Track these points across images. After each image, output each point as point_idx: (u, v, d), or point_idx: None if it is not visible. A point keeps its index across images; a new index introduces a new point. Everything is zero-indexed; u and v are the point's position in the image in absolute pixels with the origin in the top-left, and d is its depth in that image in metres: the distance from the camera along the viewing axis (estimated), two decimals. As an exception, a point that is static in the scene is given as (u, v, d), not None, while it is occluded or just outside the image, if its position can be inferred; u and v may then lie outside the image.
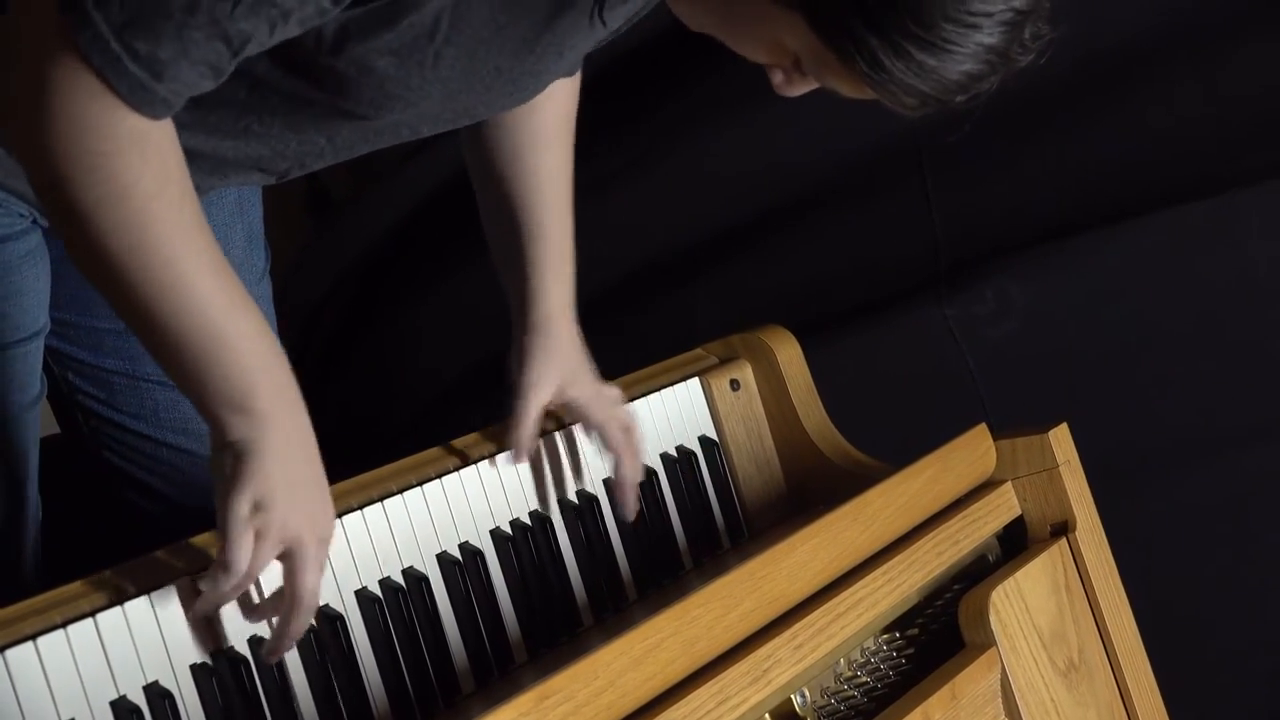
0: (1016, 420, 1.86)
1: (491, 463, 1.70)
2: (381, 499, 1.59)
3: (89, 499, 1.89)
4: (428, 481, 1.64)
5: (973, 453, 1.77)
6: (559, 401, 1.76)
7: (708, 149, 2.77)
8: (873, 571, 1.57)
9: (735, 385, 1.97)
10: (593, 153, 1.85)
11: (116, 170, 1.29)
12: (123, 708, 1.33)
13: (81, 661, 1.32)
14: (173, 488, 1.87)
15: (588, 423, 1.78)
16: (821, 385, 2.00)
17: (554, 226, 1.77)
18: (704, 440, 1.93)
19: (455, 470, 1.67)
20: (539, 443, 1.76)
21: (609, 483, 1.80)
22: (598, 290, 1.91)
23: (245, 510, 1.36)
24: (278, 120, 1.50)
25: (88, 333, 1.80)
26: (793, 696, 1.49)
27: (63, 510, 1.88)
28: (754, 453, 1.97)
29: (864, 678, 1.57)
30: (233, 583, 1.36)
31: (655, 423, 1.88)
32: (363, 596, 1.53)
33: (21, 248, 1.65)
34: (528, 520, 1.71)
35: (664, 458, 1.88)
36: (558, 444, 1.78)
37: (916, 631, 1.64)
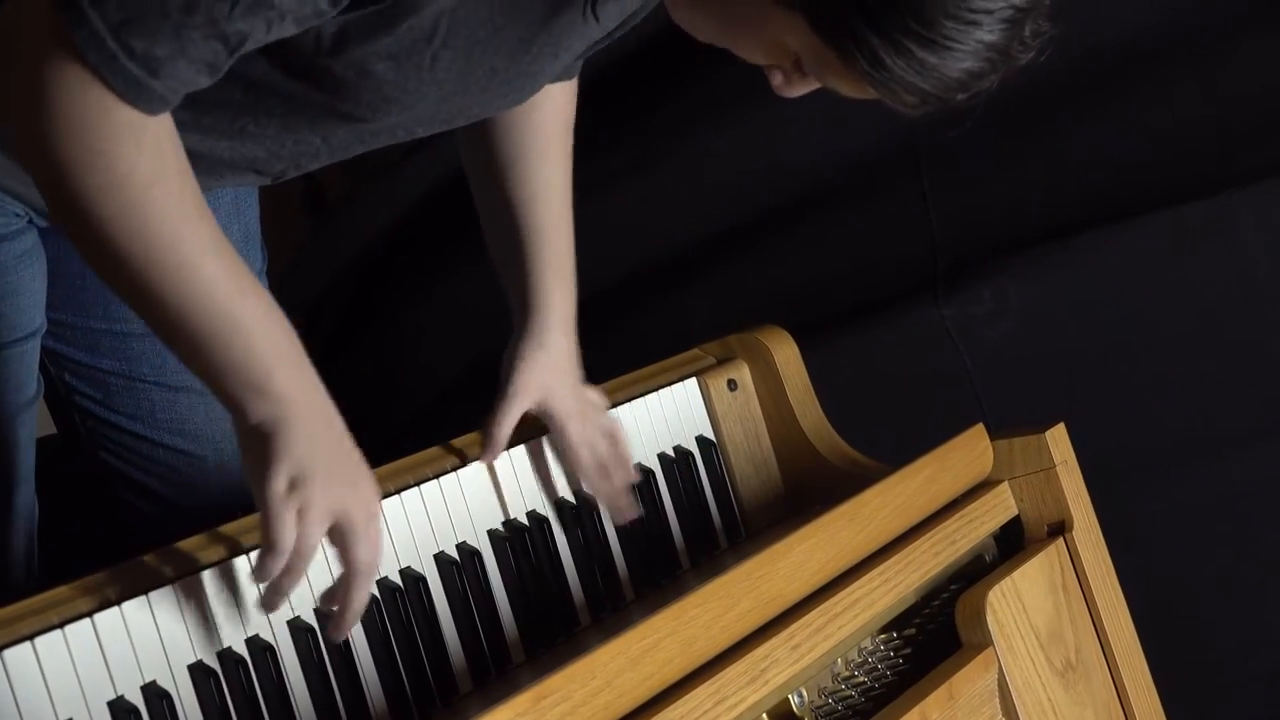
0: (1014, 420, 1.86)
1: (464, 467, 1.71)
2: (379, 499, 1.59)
3: (86, 499, 1.89)
4: (425, 482, 1.64)
5: (970, 453, 1.77)
6: (539, 411, 1.76)
7: (706, 150, 2.77)
8: (870, 571, 1.57)
9: (732, 385, 1.97)
10: (591, 154, 1.85)
11: (113, 159, 1.29)
12: (120, 708, 1.33)
13: (79, 662, 1.32)
14: (169, 488, 1.87)
15: (559, 440, 1.77)
16: (819, 385, 2.00)
17: (553, 234, 1.76)
18: (701, 440, 1.93)
19: (453, 470, 1.67)
20: (542, 442, 1.77)
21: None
22: (596, 290, 1.91)
23: (282, 487, 1.35)
24: (274, 121, 1.50)
25: (84, 333, 1.80)
26: (790, 696, 1.49)
27: (60, 511, 1.88)
28: (751, 453, 1.97)
29: (861, 678, 1.57)
30: (282, 561, 1.35)
31: (652, 423, 1.88)
32: (360, 596, 1.53)
33: (17, 248, 1.65)
34: (525, 521, 1.71)
35: (661, 458, 1.88)
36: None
37: (914, 631, 1.65)
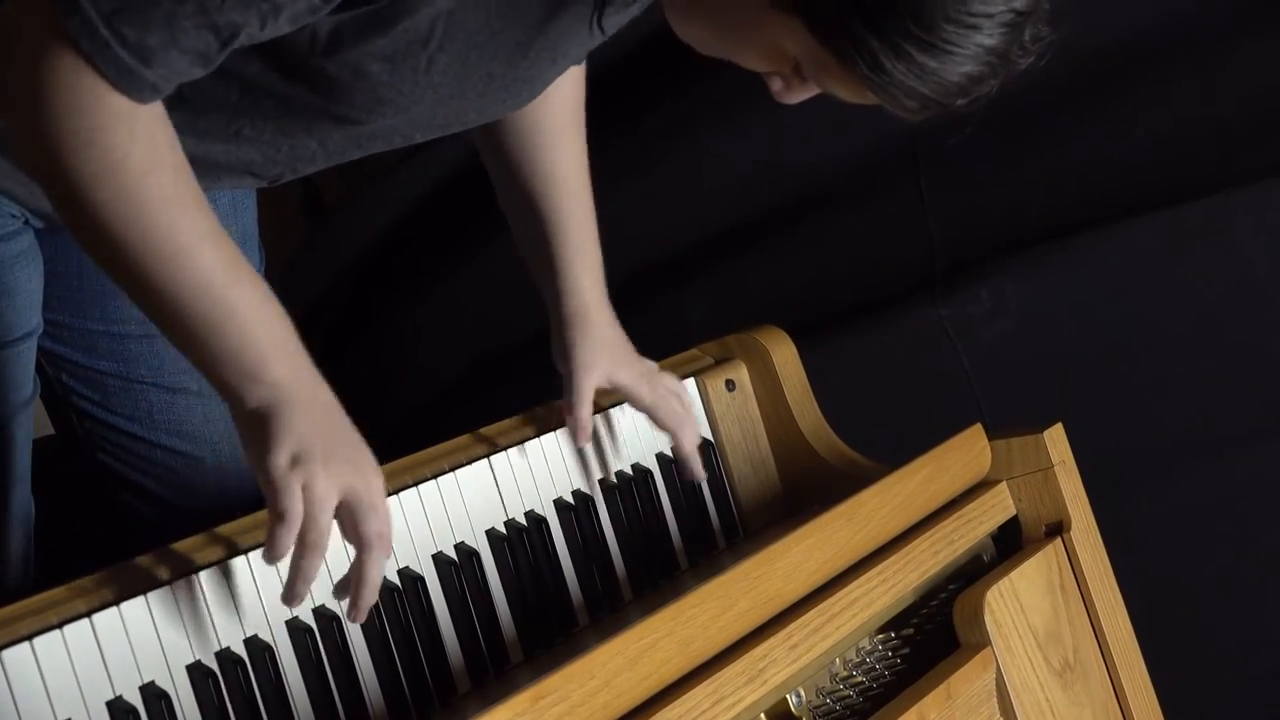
0: (1012, 420, 1.86)
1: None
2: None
3: (84, 500, 1.89)
4: (423, 482, 1.64)
5: (968, 453, 1.77)
6: (608, 385, 1.79)
7: (705, 150, 2.77)
8: (868, 571, 1.57)
9: (731, 386, 1.97)
10: (590, 154, 1.85)
11: (107, 146, 1.30)
12: (119, 708, 1.33)
13: (78, 662, 1.32)
14: (167, 489, 1.87)
15: (638, 404, 1.82)
16: (817, 385, 2.00)
17: (576, 218, 1.78)
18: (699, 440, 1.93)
19: (451, 470, 1.67)
20: (538, 442, 1.77)
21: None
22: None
23: (285, 461, 1.34)
24: (269, 124, 1.50)
25: (81, 334, 1.80)
26: (788, 696, 1.49)
27: (58, 511, 1.88)
28: (749, 453, 1.97)
29: (859, 677, 1.57)
30: (294, 531, 1.34)
31: (652, 423, 1.88)
32: (358, 597, 1.53)
33: (13, 248, 1.65)
34: (523, 520, 1.71)
35: (660, 458, 1.88)
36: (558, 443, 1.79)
37: (912, 631, 1.65)
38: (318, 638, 1.47)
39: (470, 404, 2.90)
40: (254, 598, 1.44)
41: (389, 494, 1.59)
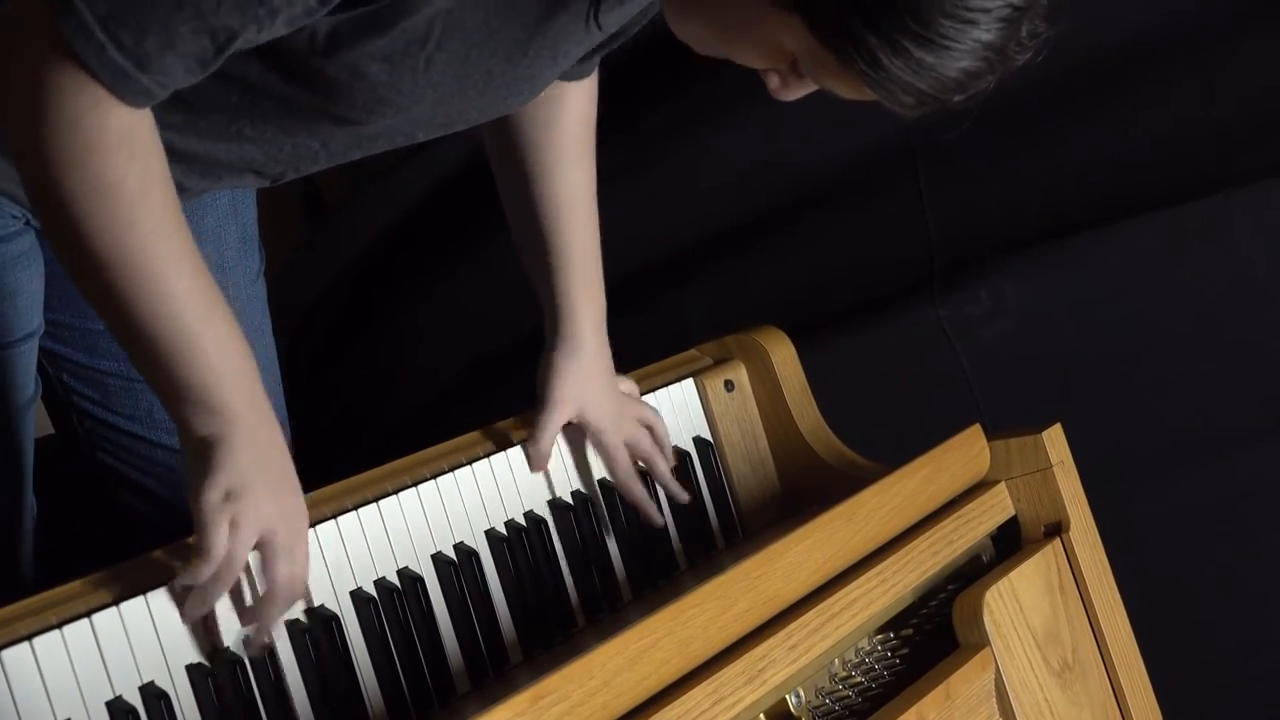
0: (1011, 421, 1.86)
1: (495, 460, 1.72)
2: (377, 499, 1.59)
3: (84, 500, 1.89)
4: (423, 482, 1.64)
5: (967, 453, 1.77)
6: (578, 421, 1.79)
7: (704, 150, 2.77)
8: (867, 572, 1.57)
9: (730, 386, 1.97)
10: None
11: (101, 167, 1.30)
12: (118, 708, 1.34)
13: (77, 662, 1.32)
14: (167, 488, 1.87)
15: (600, 448, 1.81)
16: (816, 386, 2.00)
17: (579, 243, 1.78)
18: (698, 441, 1.93)
19: (450, 471, 1.67)
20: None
21: (608, 484, 1.83)
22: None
23: (217, 498, 1.36)
24: (270, 124, 1.50)
25: (82, 334, 1.80)
26: (787, 696, 1.49)
27: (58, 511, 1.88)
28: (748, 453, 1.97)
29: (859, 678, 1.57)
30: (212, 569, 1.37)
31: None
32: (358, 597, 1.53)
33: (15, 249, 1.65)
34: (522, 521, 1.71)
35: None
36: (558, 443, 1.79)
37: (911, 632, 1.65)
38: (317, 638, 1.47)
39: (470, 403, 2.90)
40: (254, 598, 1.44)
41: (390, 494, 1.60)
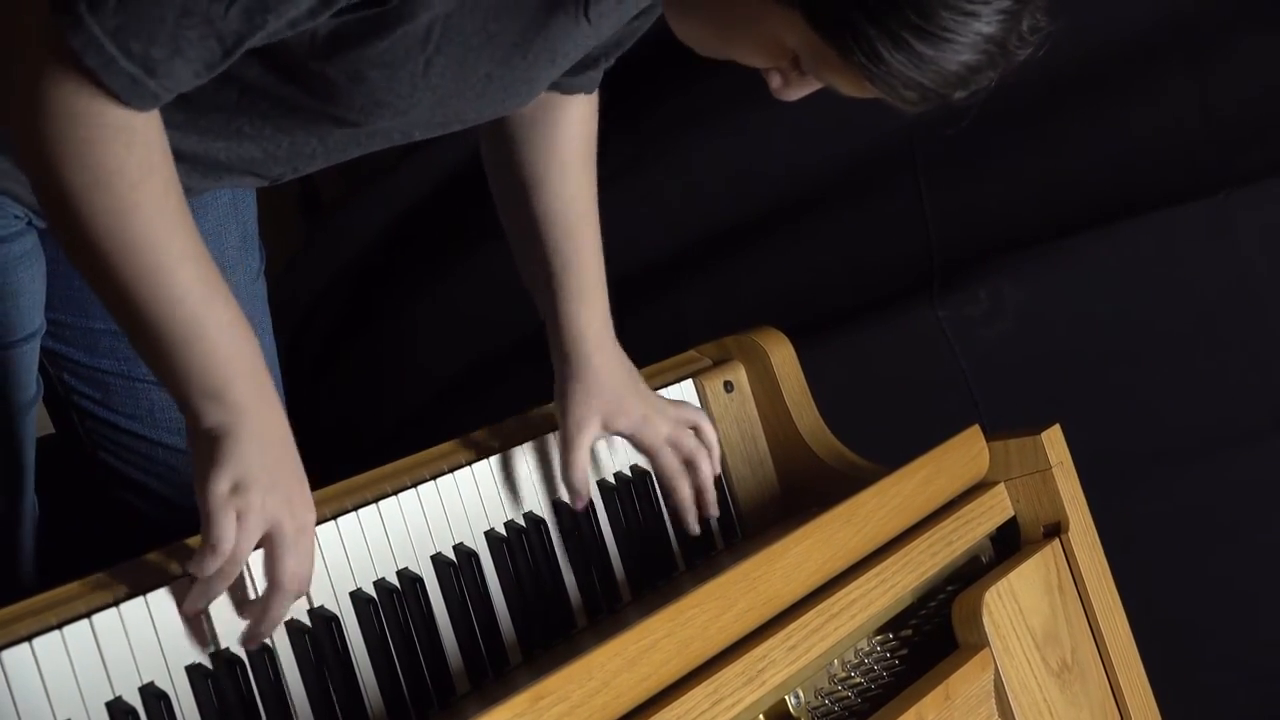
0: (1010, 421, 1.86)
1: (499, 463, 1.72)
2: (376, 500, 1.59)
3: (85, 500, 1.89)
4: (422, 483, 1.64)
5: (966, 454, 1.77)
6: (609, 434, 1.77)
7: (703, 151, 2.77)
8: (867, 572, 1.57)
9: (729, 387, 1.97)
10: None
11: (101, 157, 1.31)
12: (118, 709, 1.34)
13: (77, 662, 1.32)
14: (168, 488, 1.87)
15: (641, 450, 1.79)
16: (815, 387, 2.00)
17: (583, 255, 1.76)
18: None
19: (450, 472, 1.67)
20: (541, 442, 1.77)
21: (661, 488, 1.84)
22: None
23: (224, 489, 1.36)
24: (269, 124, 1.50)
25: (83, 334, 1.80)
26: (787, 697, 1.49)
27: (59, 511, 1.88)
28: (748, 454, 1.97)
29: (858, 678, 1.57)
30: (220, 562, 1.37)
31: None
32: (358, 598, 1.53)
33: (17, 249, 1.65)
34: (522, 522, 1.71)
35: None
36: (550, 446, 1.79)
37: (910, 632, 1.65)
38: (317, 639, 1.47)
39: (470, 403, 2.90)
40: (255, 593, 1.44)
41: (389, 495, 1.60)
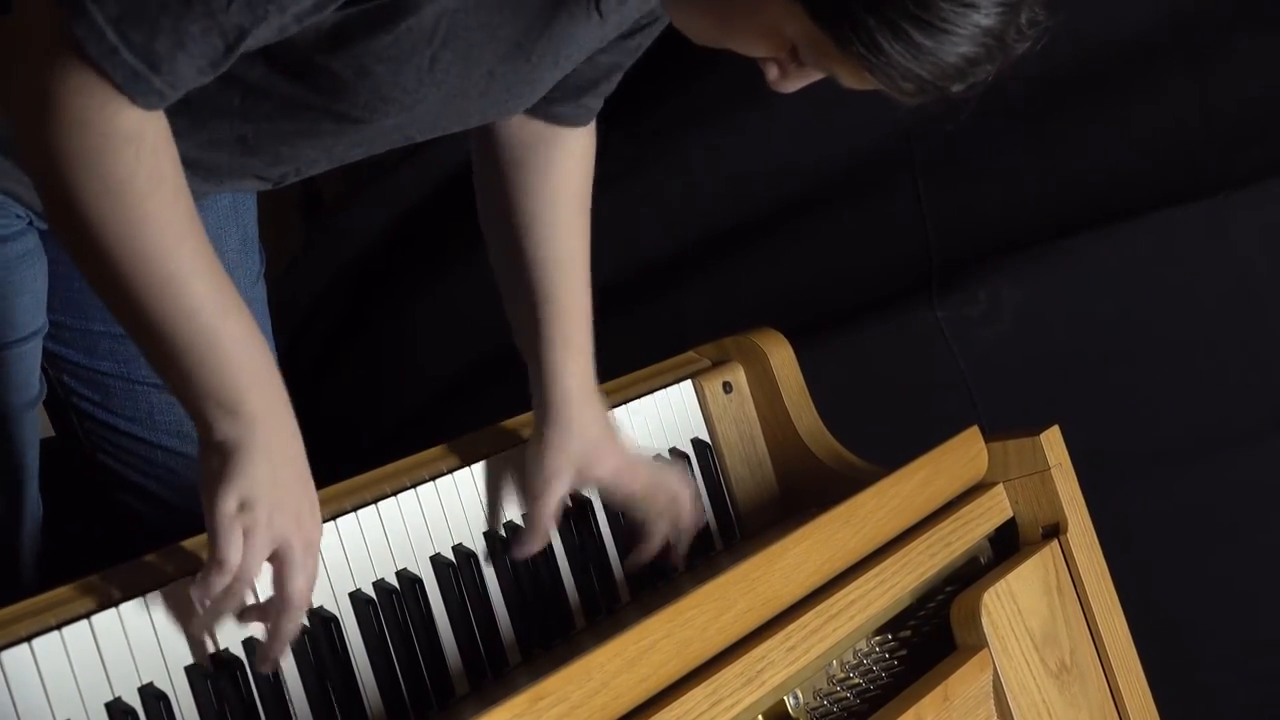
0: (1009, 422, 1.86)
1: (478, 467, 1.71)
2: (375, 501, 1.59)
3: (84, 501, 1.89)
4: (422, 484, 1.64)
5: (965, 455, 1.77)
6: (580, 487, 1.75)
7: (702, 151, 2.77)
8: (865, 573, 1.57)
9: (728, 388, 1.97)
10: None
11: (111, 166, 1.30)
12: (118, 709, 1.34)
13: (77, 663, 1.33)
14: (167, 490, 1.87)
15: (619, 497, 1.76)
16: (814, 387, 2.00)
17: (571, 303, 1.74)
18: (696, 443, 1.93)
19: (449, 472, 1.68)
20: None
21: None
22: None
23: (232, 507, 1.36)
24: (272, 126, 1.50)
25: (83, 335, 1.80)
26: (786, 698, 1.49)
27: (58, 512, 1.88)
28: (746, 455, 1.97)
29: (857, 679, 1.57)
30: (226, 580, 1.36)
31: (648, 425, 1.89)
32: (357, 598, 1.53)
33: (19, 248, 1.65)
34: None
35: (656, 460, 1.88)
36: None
37: (909, 633, 1.65)
38: (316, 639, 1.47)
39: (469, 404, 2.90)
40: (252, 600, 1.44)
41: (388, 496, 1.60)
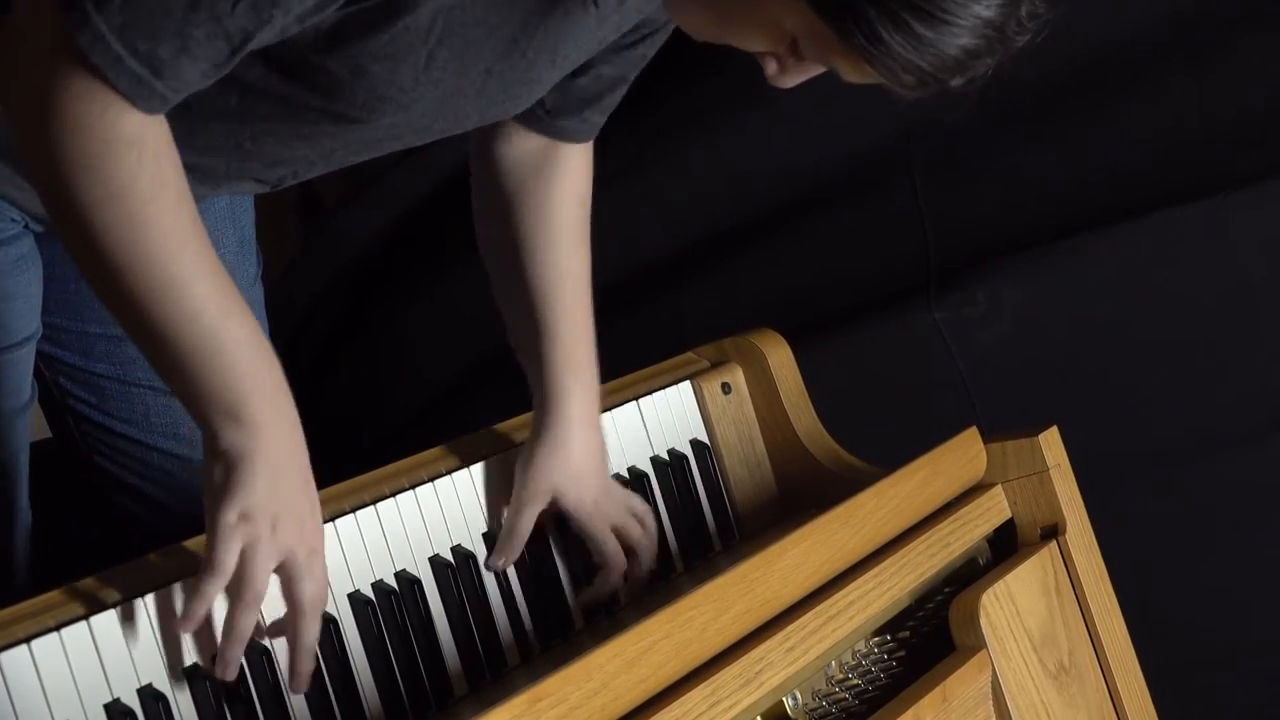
0: (1007, 423, 1.86)
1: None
2: (374, 502, 1.59)
3: (81, 503, 1.89)
4: (420, 484, 1.64)
5: (963, 456, 1.77)
6: (555, 509, 1.73)
7: (702, 152, 2.77)
8: (864, 574, 1.57)
9: (726, 389, 1.97)
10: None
11: (113, 171, 1.30)
12: (117, 710, 1.33)
13: (75, 664, 1.32)
14: (164, 492, 1.87)
15: (582, 534, 1.74)
16: (812, 388, 2.00)
17: (571, 325, 1.72)
18: (695, 443, 1.93)
19: (448, 473, 1.67)
20: None
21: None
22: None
23: (233, 518, 1.35)
24: (269, 128, 1.49)
25: (79, 337, 1.80)
26: (784, 699, 1.49)
27: (55, 514, 1.88)
28: (745, 456, 1.97)
29: (855, 680, 1.57)
30: (220, 584, 1.36)
31: (646, 426, 1.88)
32: (355, 599, 1.53)
33: (13, 252, 1.65)
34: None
35: (655, 461, 1.88)
36: None
37: (907, 634, 1.65)
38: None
39: (468, 405, 2.90)
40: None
41: (387, 497, 1.60)
